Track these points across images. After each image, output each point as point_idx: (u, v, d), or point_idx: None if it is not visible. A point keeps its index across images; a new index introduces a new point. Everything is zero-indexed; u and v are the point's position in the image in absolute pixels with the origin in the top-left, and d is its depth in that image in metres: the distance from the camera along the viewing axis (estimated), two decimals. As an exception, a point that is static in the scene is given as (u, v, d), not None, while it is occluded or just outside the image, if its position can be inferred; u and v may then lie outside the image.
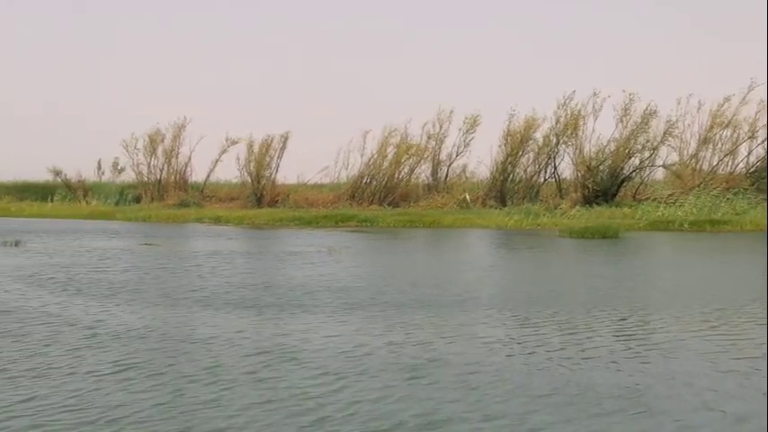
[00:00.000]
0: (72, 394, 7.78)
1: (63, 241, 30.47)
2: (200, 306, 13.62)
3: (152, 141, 62.75)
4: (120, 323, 11.79)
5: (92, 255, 24.22)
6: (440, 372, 8.81)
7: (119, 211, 55.39)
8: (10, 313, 12.62)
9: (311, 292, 15.48)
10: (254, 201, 56.46)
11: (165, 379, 8.39)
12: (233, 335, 10.86)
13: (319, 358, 9.44)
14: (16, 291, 15.44)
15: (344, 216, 47.13)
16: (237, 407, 7.40)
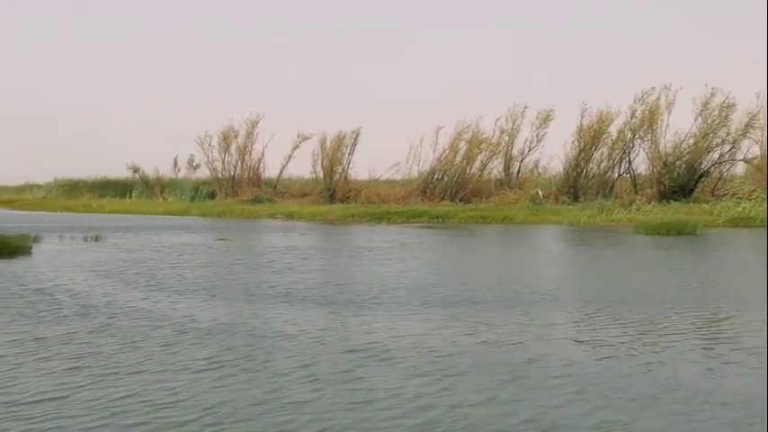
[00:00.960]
0: (170, 391, 7.79)
1: (142, 237, 31.12)
2: (281, 302, 13.62)
3: (225, 138, 63.68)
4: (207, 319, 11.85)
5: (170, 250, 24.61)
6: (538, 373, 8.58)
7: (194, 206, 56.34)
8: (98, 309, 12.79)
9: (389, 288, 15.38)
10: (326, 196, 56.79)
11: (259, 377, 8.34)
12: (319, 332, 10.81)
13: (410, 357, 9.29)
14: (102, 287, 15.67)
15: (416, 212, 47.04)
16: (335, 407, 7.30)
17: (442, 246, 28.68)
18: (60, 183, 76.88)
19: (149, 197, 65.74)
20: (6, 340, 10.21)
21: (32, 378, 8.26)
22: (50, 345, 9.92)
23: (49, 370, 8.62)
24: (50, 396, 7.58)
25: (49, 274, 17.61)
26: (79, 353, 9.47)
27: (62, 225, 38.38)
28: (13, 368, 8.68)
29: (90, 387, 7.91)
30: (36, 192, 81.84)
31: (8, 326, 11.20)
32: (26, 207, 66.37)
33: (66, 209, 60.51)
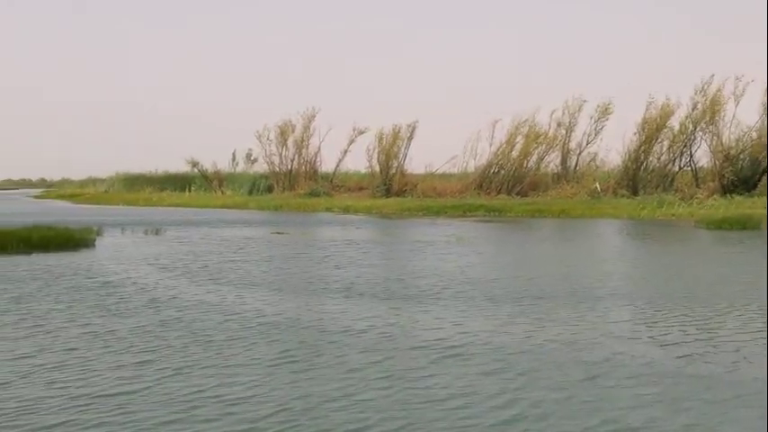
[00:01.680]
0: (242, 386, 7.75)
1: (201, 230, 31.42)
2: (344, 297, 13.58)
3: (283, 132, 64.01)
4: (273, 313, 11.84)
5: (229, 244, 24.77)
6: (616, 373, 8.34)
7: (252, 200, 56.78)
8: (164, 302, 12.89)
9: (451, 283, 15.24)
10: (382, 190, 56.73)
11: (330, 373, 8.28)
12: (386, 328, 10.73)
13: (479, 354, 9.14)
14: (165, 279, 15.83)
15: (472, 206, 46.73)
16: (408, 405, 7.19)
17: (499, 240, 28.45)
18: (122, 177, 78.24)
19: (208, 191, 66.42)
20: (78, 333, 10.33)
21: (105, 371, 8.31)
22: (122, 338, 10.00)
23: (122, 363, 8.68)
24: (124, 390, 7.60)
25: (114, 266, 17.87)
26: (150, 346, 9.52)
27: (123, 218, 39.00)
28: (86, 361, 8.75)
29: (163, 381, 7.93)
30: (98, 186, 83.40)
31: (79, 319, 11.33)
32: (89, 201, 67.67)
33: (127, 202, 61.51)
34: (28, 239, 21.86)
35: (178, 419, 6.77)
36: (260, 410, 7.02)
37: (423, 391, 7.66)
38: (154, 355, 9.05)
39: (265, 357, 9.00)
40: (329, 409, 7.05)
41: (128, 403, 7.18)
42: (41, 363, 8.63)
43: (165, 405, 7.14)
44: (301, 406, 7.15)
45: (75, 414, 6.87)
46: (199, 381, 7.96)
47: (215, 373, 8.25)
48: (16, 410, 6.93)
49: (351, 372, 8.36)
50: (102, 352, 9.23)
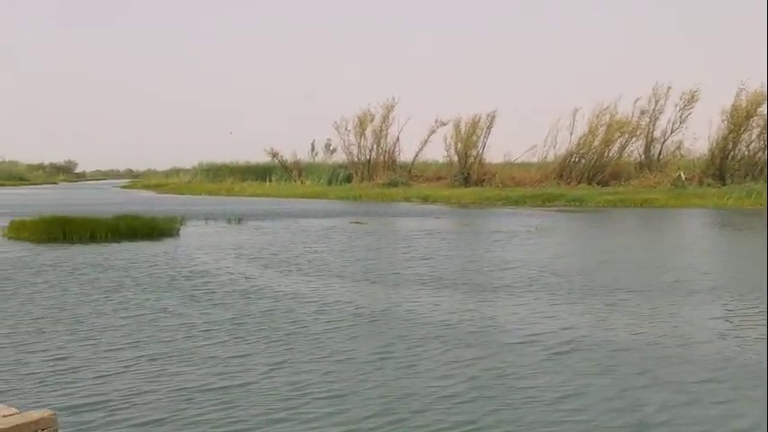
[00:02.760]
0: (352, 381, 7.60)
1: (282, 220, 31.74)
2: (432, 288, 13.35)
3: (361, 123, 64.38)
4: (365, 305, 11.72)
5: (310, 233, 24.98)
6: (728, 371, 7.93)
7: (331, 190, 57.32)
8: (255, 293, 12.88)
9: (537, 275, 14.99)
10: (460, 180, 56.54)
11: (435, 368, 8.06)
12: (481, 321, 10.48)
13: (582, 350, 8.85)
14: (252, 270, 15.88)
15: (552, 195, 46.21)
16: (524, 403, 6.95)
17: (581, 230, 28.00)
18: (204, 167, 79.83)
19: (288, 181, 67.29)
20: (172, 324, 10.33)
21: (205, 364, 8.23)
22: (216, 329, 9.95)
23: (221, 356, 8.59)
24: (225, 384, 7.48)
25: (199, 256, 18.09)
26: (247, 338, 9.44)
27: (206, 208, 39.78)
28: (186, 354, 8.68)
29: (266, 375, 7.79)
30: (182, 176, 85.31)
31: (171, 309, 11.36)
32: (173, 191, 69.32)
33: (210, 192, 62.79)
34: (116, 228, 22.58)
35: (283, 418, 6.56)
36: (365, 408, 6.83)
37: (529, 390, 7.38)
38: (252, 348, 8.94)
39: (364, 351, 8.83)
40: (436, 410, 6.80)
41: (230, 398, 7.03)
42: (140, 355, 8.57)
43: (270, 400, 6.98)
44: (406, 405, 6.91)
45: (178, 409, 6.73)
46: (301, 375, 7.79)
47: (316, 368, 8.08)
48: (118, 405, 6.84)
49: (452, 368, 8.12)
50: (199, 344, 9.14)
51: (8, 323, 10.13)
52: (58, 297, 12.23)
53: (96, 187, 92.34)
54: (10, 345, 8.94)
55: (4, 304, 11.46)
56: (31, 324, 10.10)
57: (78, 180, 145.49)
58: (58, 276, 14.47)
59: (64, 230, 21.92)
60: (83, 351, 8.68)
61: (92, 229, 22.21)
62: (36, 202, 47.39)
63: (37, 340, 9.17)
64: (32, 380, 7.56)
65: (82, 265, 16.17)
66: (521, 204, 43.99)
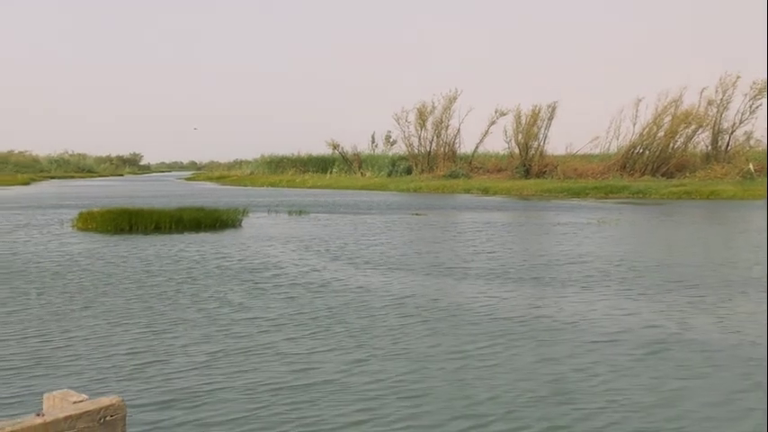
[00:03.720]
0: (433, 380, 7.33)
1: (343, 211, 31.77)
2: (499, 282, 13.05)
3: (421, 114, 64.33)
4: (438, 299, 11.44)
5: (371, 225, 24.96)
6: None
7: (391, 182, 57.38)
8: (324, 286, 12.73)
9: (606, 268, 14.64)
10: (521, 172, 56.09)
11: (521, 367, 7.76)
12: (558, 316, 10.15)
13: (672, 350, 8.42)
14: (316, 261, 15.78)
15: (615, 187, 45.57)
16: (616, 408, 6.61)
17: (647, 222, 27.39)
18: (266, 159, 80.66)
19: (348, 172, 67.59)
20: (246, 317, 10.19)
21: (278, 360, 8.06)
22: (285, 324, 9.78)
23: (296, 351, 8.41)
24: (302, 382, 7.24)
25: (264, 248, 18.05)
26: (321, 333, 9.22)
27: (267, 200, 40.16)
28: (257, 349, 8.48)
29: (343, 372, 7.55)
30: (244, 168, 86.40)
31: (244, 302, 11.25)
32: (235, 183, 70.26)
33: (271, 184, 63.42)
34: (180, 220, 22.93)
35: (363, 420, 6.27)
36: (446, 409, 6.52)
37: (619, 393, 6.98)
38: (325, 343, 8.73)
39: (440, 348, 8.53)
40: (520, 412, 6.51)
41: (307, 397, 6.80)
42: (210, 348, 8.43)
43: (348, 399, 6.74)
44: (489, 406, 6.61)
45: (250, 407, 6.51)
46: (379, 374, 7.51)
47: (393, 366, 7.80)
48: (186, 396, 6.75)
49: (534, 367, 7.80)
50: (270, 339, 8.97)
51: (81, 313, 10.20)
52: (128, 288, 12.31)
53: (160, 179, 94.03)
54: (83, 334, 8.99)
55: (78, 295, 11.58)
56: (102, 314, 10.15)
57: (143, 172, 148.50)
58: (128, 268, 14.57)
59: (130, 222, 22.35)
60: (153, 342, 8.67)
61: (157, 220, 22.60)
62: (103, 194, 48.47)
63: (109, 331, 9.19)
64: (102, 368, 7.58)
65: (150, 256, 16.30)
66: (582, 196, 43.47)
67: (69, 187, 63.05)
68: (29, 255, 16.51)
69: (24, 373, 7.44)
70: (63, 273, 13.84)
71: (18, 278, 13.22)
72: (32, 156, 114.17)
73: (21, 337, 8.95)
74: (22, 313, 10.25)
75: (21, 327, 9.45)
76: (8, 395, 6.74)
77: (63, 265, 14.95)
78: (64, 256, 16.18)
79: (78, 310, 10.43)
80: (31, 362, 7.84)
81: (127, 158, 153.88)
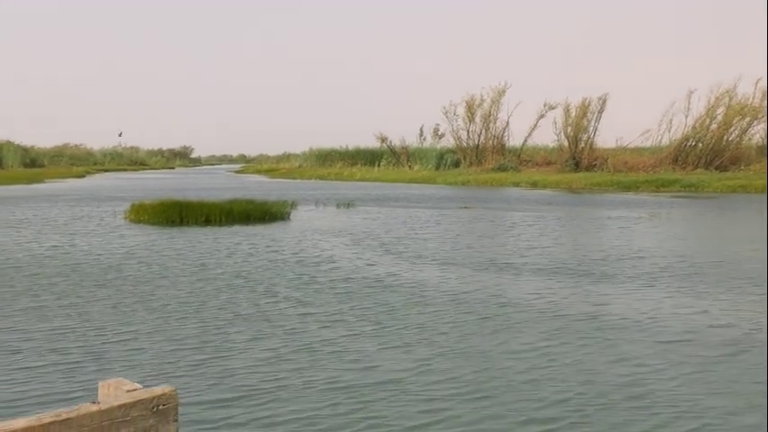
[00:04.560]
0: (528, 384, 7.12)
1: (391, 204, 31.74)
2: (560, 277, 12.78)
3: (470, 107, 64.06)
4: (503, 293, 11.25)
5: (420, 218, 24.82)
6: None
7: (439, 175, 57.26)
8: (383, 280, 12.61)
9: (665, 264, 14.28)
10: (571, 165, 55.55)
11: (601, 371, 7.45)
12: (629, 316, 9.76)
13: (752, 353, 8.08)
14: (369, 256, 15.70)
15: (666, 180, 44.90)
16: None
17: (699, 217, 26.86)
18: (314, 152, 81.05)
19: (396, 166, 67.61)
20: (301, 312, 10.13)
21: (335, 358, 7.96)
22: (346, 319, 9.64)
23: (355, 348, 8.27)
24: (391, 378, 7.08)
25: (318, 242, 18.01)
26: (378, 330, 9.05)
27: (316, 192, 40.35)
28: (313, 345, 8.39)
29: (409, 371, 7.32)
30: (293, 161, 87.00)
31: (298, 297, 11.17)
32: (283, 175, 70.81)
33: (320, 177, 63.76)
34: (229, 212, 23.16)
35: (431, 422, 6.05)
36: (518, 410, 6.28)
37: (700, 400, 6.64)
38: (386, 340, 8.52)
39: (508, 347, 8.26)
40: (595, 416, 6.25)
41: (369, 398, 6.56)
42: (272, 346, 8.27)
43: (415, 400, 6.50)
44: (565, 408, 6.34)
45: (306, 407, 6.37)
46: (445, 373, 7.26)
47: (459, 365, 7.58)
48: (238, 388, 6.74)
49: (607, 368, 7.49)
50: (327, 335, 8.81)
51: (136, 306, 10.27)
52: (182, 281, 12.34)
53: (210, 172, 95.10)
54: (137, 326, 9.05)
55: (133, 288, 11.67)
56: (157, 307, 10.20)
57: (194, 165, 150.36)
58: (181, 261, 14.67)
59: (181, 214, 22.63)
60: (207, 336, 8.66)
61: (207, 212, 22.85)
62: (155, 186, 49.19)
63: (163, 324, 9.23)
64: (156, 360, 7.65)
65: (202, 249, 16.40)
66: (633, 190, 42.94)
67: (122, 180, 64.12)
68: (85, 246, 16.73)
69: (81, 363, 7.54)
70: (117, 265, 13.96)
71: (75, 271, 13.36)
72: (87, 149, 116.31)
73: (78, 328, 9.04)
74: (79, 305, 10.35)
75: (78, 319, 9.55)
76: (66, 384, 6.86)
77: (117, 257, 15.10)
78: (119, 249, 16.35)
79: (133, 303, 10.50)
80: (88, 352, 7.93)
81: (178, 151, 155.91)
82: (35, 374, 7.17)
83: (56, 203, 31.22)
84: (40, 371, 7.28)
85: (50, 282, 12.16)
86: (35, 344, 8.27)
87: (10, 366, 7.43)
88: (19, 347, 8.10)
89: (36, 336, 8.64)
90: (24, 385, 6.87)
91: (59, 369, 7.34)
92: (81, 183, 57.61)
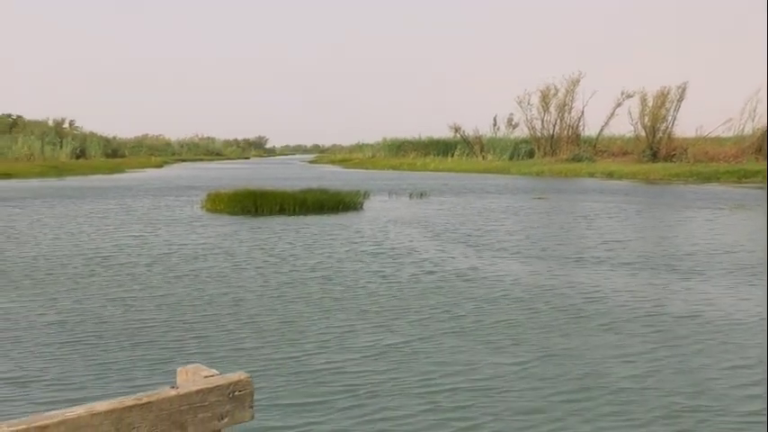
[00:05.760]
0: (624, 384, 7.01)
1: (464, 195, 31.56)
2: (648, 273, 12.48)
3: (544, 97, 63.31)
4: (587, 291, 11.00)
5: (494, 209, 24.66)
6: None
7: (513, 165, 56.74)
8: (465, 274, 12.50)
9: (748, 261, 13.70)
10: (648, 155, 54.37)
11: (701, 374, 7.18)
12: (743, 317, 9.27)
13: None
14: (447, 248, 15.61)
15: (749, 171, 43.57)
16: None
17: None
18: (387, 143, 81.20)
19: (469, 156, 67.27)
20: (382, 307, 10.11)
21: (423, 357, 7.87)
22: (443, 314, 9.45)
23: (445, 346, 8.16)
24: (482, 377, 6.87)
25: (400, 236, 17.96)
26: (478, 328, 8.77)
27: (389, 183, 40.37)
28: (422, 344, 8.30)
29: (512, 373, 7.01)
30: (366, 151, 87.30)
31: (377, 290, 11.16)
32: (357, 166, 71.11)
33: (393, 167, 63.82)
34: (303, 202, 23.43)
35: (525, 428, 5.92)
36: (624, 417, 5.97)
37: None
38: (473, 339, 8.22)
39: (609, 348, 7.90)
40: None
41: (464, 402, 6.33)
42: (354, 341, 8.21)
43: (509, 405, 6.25)
44: (706, 412, 6.07)
45: (382, 405, 6.30)
46: (541, 376, 6.99)
47: (555, 367, 7.28)
48: (314, 379, 6.77)
49: (721, 375, 7.06)
50: (414, 332, 8.65)
51: (217, 294, 10.48)
52: (260, 272, 12.49)
53: (284, 162, 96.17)
54: (218, 314, 9.26)
55: (211, 278, 11.92)
56: (237, 297, 10.38)
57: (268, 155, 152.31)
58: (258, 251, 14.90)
59: (256, 203, 22.99)
60: (286, 325, 8.77)
61: (281, 202, 23.16)
62: (230, 176, 49.98)
63: (243, 312, 9.39)
64: (233, 347, 7.85)
65: (278, 239, 16.61)
66: (713, 181, 41.82)
67: (198, 170, 65.36)
68: (165, 236, 17.16)
69: (161, 349, 7.79)
70: (196, 256, 14.26)
71: (156, 261, 13.69)
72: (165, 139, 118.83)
73: (159, 314, 9.33)
74: (160, 294, 10.63)
75: (159, 305, 9.85)
76: (146, 369, 7.10)
77: (195, 247, 15.43)
78: (197, 239, 16.71)
79: (212, 293, 10.73)
80: (168, 339, 8.19)
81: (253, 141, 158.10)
82: (117, 360, 7.43)
83: (136, 193, 32.03)
84: (122, 356, 7.55)
85: (133, 272, 12.43)
86: (118, 331, 8.55)
87: (94, 352, 7.71)
88: (102, 334, 8.38)
89: (118, 323, 8.92)
90: (107, 370, 7.12)
91: (140, 355, 7.59)
92: (159, 172, 58.94)
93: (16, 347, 7.82)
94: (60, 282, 11.52)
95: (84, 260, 13.55)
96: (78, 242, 16.02)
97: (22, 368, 7.10)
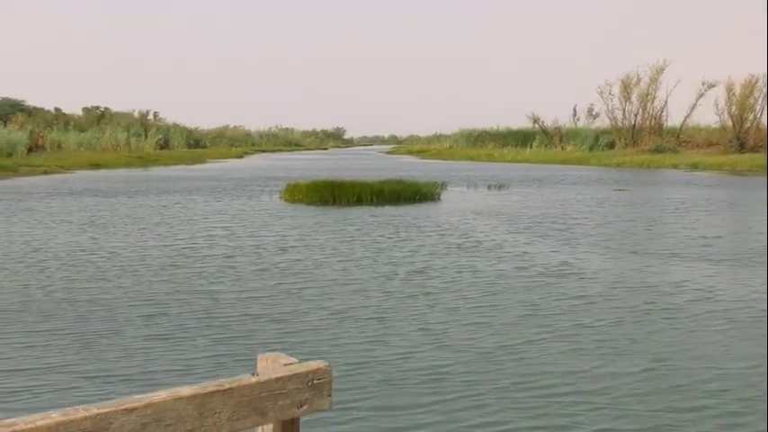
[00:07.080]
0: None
1: (543, 186, 31.23)
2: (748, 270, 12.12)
3: (626, 86, 62.01)
4: (682, 288, 10.69)
5: (574, 201, 24.36)
6: None
7: (592, 156, 55.81)
8: (555, 269, 12.38)
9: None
10: (735, 146, 52.76)
11: None
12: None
13: None
14: (532, 240, 15.48)
15: None
16: None
17: None
18: (465, 133, 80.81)
19: (548, 147, 66.40)
20: (469, 300, 10.09)
21: (506, 355, 7.87)
22: (539, 313, 9.31)
23: (549, 351, 8.01)
24: (569, 381, 6.64)
25: (486, 228, 17.82)
26: (573, 328, 8.52)
27: (466, 174, 40.11)
28: (513, 346, 8.21)
29: (603, 380, 6.71)
30: (443, 142, 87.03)
31: (458, 284, 11.13)
32: (434, 156, 70.99)
33: (470, 158, 63.46)
34: (380, 192, 23.52)
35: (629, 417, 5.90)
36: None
37: None
38: (565, 342, 7.87)
39: (700, 349, 7.61)
40: None
41: (554, 409, 6.06)
42: (434, 338, 8.08)
43: (617, 409, 6.04)
44: None
45: (469, 404, 6.28)
46: (625, 383, 6.70)
47: (640, 363, 7.16)
48: (393, 372, 6.83)
49: None
50: (499, 326, 8.58)
51: (299, 285, 10.62)
52: (344, 263, 12.55)
53: (362, 153, 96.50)
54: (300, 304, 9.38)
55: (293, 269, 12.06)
56: (320, 286, 10.51)
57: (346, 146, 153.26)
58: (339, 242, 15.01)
59: (333, 194, 23.19)
60: (370, 318, 8.79)
61: (359, 192, 23.30)
62: (308, 166, 50.45)
63: (327, 303, 9.49)
64: (313, 336, 7.97)
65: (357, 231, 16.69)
66: (806, 172, 40.33)
67: (277, 160, 66.07)
68: (246, 227, 17.37)
69: (242, 337, 7.98)
70: (277, 247, 14.37)
71: (239, 251, 13.85)
72: (245, 130, 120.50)
73: (240, 303, 9.50)
74: (244, 284, 10.81)
75: (240, 294, 10.04)
76: (228, 356, 7.28)
77: (275, 239, 15.54)
78: (277, 230, 16.85)
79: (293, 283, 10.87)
80: (250, 328, 8.35)
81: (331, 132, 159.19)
82: (202, 347, 7.62)
83: (218, 184, 32.57)
84: (205, 343, 7.74)
85: (218, 264, 12.54)
86: (202, 320, 8.74)
87: (180, 340, 7.91)
88: (185, 325, 8.55)
89: (201, 312, 9.11)
90: (191, 356, 7.33)
91: (223, 342, 7.77)
92: (240, 163, 59.80)
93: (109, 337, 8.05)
94: (143, 274, 11.74)
95: (171, 252, 13.71)
96: (163, 233, 16.35)
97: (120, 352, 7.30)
